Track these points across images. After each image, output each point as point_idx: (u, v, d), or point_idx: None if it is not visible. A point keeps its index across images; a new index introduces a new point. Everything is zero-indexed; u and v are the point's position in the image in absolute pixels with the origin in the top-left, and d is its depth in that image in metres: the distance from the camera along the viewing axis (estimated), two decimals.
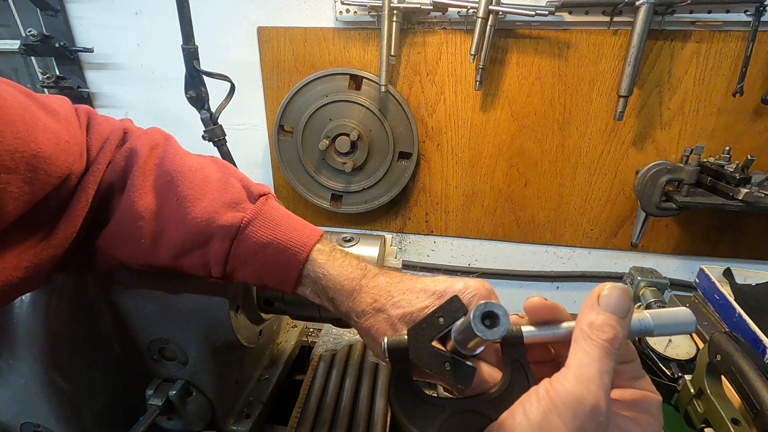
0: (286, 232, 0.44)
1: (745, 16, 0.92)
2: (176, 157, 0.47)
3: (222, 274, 0.45)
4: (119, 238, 0.46)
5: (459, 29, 1.06)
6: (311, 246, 0.44)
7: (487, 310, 0.27)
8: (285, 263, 0.44)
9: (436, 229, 1.31)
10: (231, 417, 0.64)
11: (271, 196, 0.49)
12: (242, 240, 0.44)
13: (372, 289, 0.42)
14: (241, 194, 0.46)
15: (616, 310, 0.27)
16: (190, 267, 0.46)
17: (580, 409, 0.25)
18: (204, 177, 0.46)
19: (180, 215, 0.44)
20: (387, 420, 0.62)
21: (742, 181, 0.93)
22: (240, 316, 0.56)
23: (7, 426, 0.55)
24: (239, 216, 0.44)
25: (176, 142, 0.51)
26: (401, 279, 0.42)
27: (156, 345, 0.57)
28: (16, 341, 0.49)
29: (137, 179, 0.45)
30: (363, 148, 1.16)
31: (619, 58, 1.03)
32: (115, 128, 0.48)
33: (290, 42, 1.14)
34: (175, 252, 0.45)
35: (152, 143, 0.48)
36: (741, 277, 0.99)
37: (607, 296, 0.27)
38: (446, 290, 0.39)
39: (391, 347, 0.32)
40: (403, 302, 0.40)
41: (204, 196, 0.45)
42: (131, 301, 0.55)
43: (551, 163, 1.16)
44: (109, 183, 0.45)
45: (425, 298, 0.39)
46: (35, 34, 1.14)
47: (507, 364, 0.31)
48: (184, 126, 1.29)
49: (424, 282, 0.41)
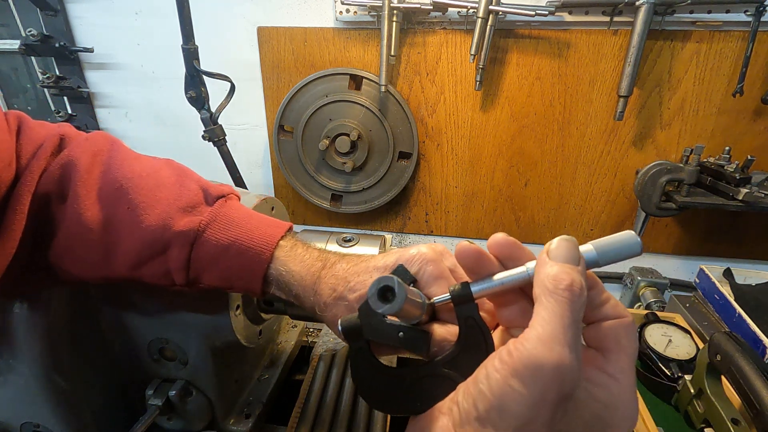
0: (248, 232, 0.43)
1: (745, 16, 0.92)
2: (124, 163, 0.45)
3: (185, 281, 0.43)
4: (70, 253, 0.44)
5: (459, 29, 1.06)
6: (274, 244, 0.43)
7: (382, 285, 0.27)
8: (249, 264, 0.42)
9: (436, 229, 1.31)
10: (231, 417, 0.64)
11: (231, 196, 0.47)
12: (201, 244, 0.42)
13: (330, 279, 0.41)
14: (197, 197, 0.44)
15: (567, 259, 0.26)
16: (151, 277, 0.44)
17: (540, 371, 0.23)
18: (156, 182, 0.44)
19: (133, 224, 0.42)
20: (387, 420, 0.62)
21: (742, 181, 0.93)
22: (240, 316, 0.56)
23: (7, 426, 0.55)
24: (196, 220, 0.43)
25: (124, 147, 0.48)
26: (356, 262, 0.41)
27: (156, 345, 0.57)
28: (16, 341, 0.49)
29: (80, 189, 0.42)
30: (363, 148, 1.16)
31: (619, 58, 1.03)
32: (51, 134, 0.45)
33: (290, 42, 1.14)
34: (132, 263, 0.43)
35: (94, 150, 0.45)
36: (741, 277, 0.99)
37: (555, 248, 0.27)
38: (396, 262, 0.38)
39: (344, 328, 0.32)
40: (358, 285, 0.39)
41: (157, 202, 0.43)
42: (131, 301, 0.55)
43: (551, 163, 1.16)
44: (44, 193, 0.42)
45: (379, 274, 0.38)
46: (35, 34, 1.14)
47: (461, 323, 0.30)
48: (184, 126, 1.29)
49: (376, 259, 0.40)
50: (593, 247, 0.28)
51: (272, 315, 0.67)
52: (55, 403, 0.52)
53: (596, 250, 0.28)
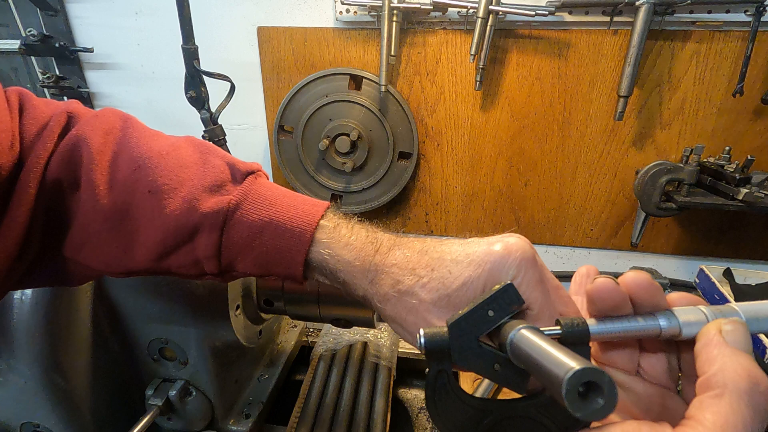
0: (284, 211, 0.38)
1: (745, 16, 0.92)
2: (141, 141, 0.40)
3: (218, 269, 0.38)
4: (87, 246, 0.39)
5: (459, 29, 1.06)
6: (315, 223, 0.37)
7: (586, 380, 0.20)
8: (287, 246, 0.37)
9: (436, 229, 1.31)
10: (231, 417, 0.64)
11: (261, 173, 0.42)
12: (232, 227, 0.37)
13: (390, 269, 0.35)
14: (224, 174, 0.39)
15: (749, 348, 0.21)
16: (179, 267, 0.39)
17: None
18: (178, 161, 0.39)
19: (155, 210, 0.37)
20: (387, 420, 0.62)
21: (742, 181, 0.93)
22: (240, 316, 0.56)
23: (7, 426, 0.55)
24: (225, 200, 0.37)
25: (138, 123, 0.43)
26: (422, 250, 0.35)
27: (156, 345, 0.57)
28: (16, 341, 0.49)
29: (95, 173, 0.37)
30: (363, 148, 1.16)
31: (619, 58, 1.03)
32: (57, 112, 0.39)
33: (290, 42, 1.14)
34: (157, 253, 0.38)
35: (106, 128, 0.40)
36: (741, 277, 0.99)
37: (733, 332, 0.22)
38: (488, 254, 0.31)
39: (429, 345, 0.27)
40: (434, 283, 0.32)
41: (181, 183, 0.38)
42: (131, 301, 0.55)
43: (551, 163, 1.16)
44: (54, 180, 0.38)
45: (462, 270, 0.32)
46: (35, 34, 1.14)
47: None
48: (184, 126, 1.29)
49: (452, 249, 0.33)
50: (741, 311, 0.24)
51: (272, 315, 0.67)
52: (55, 403, 0.52)
53: (745, 315, 0.24)
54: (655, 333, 0.25)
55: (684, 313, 0.26)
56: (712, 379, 0.21)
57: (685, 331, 0.25)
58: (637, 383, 0.28)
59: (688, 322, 0.25)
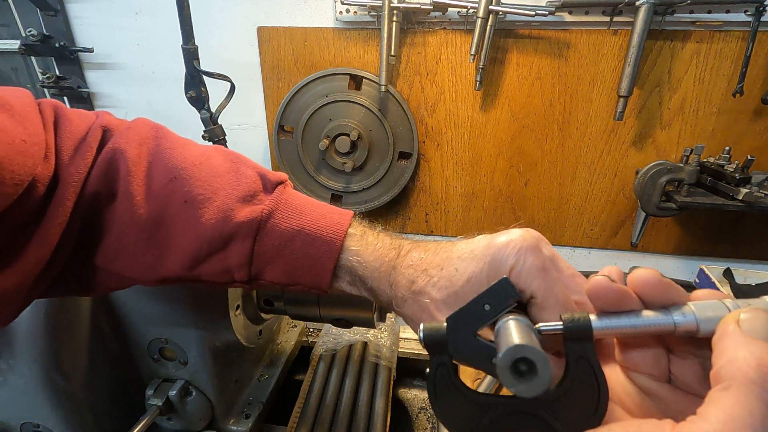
0: (313, 220, 0.39)
1: (745, 16, 0.92)
2: (174, 152, 0.41)
3: (248, 277, 0.40)
4: (123, 255, 0.40)
5: (459, 29, 1.06)
6: (344, 232, 0.38)
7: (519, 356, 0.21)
8: (317, 255, 0.38)
9: (436, 229, 1.31)
10: (231, 417, 0.64)
11: (288, 183, 0.43)
12: (265, 235, 0.39)
13: (406, 270, 0.36)
14: (256, 184, 0.40)
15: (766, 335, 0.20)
16: (210, 275, 0.40)
17: None
18: (211, 171, 0.40)
19: (190, 219, 0.38)
20: (387, 420, 0.62)
21: (742, 181, 0.93)
22: (240, 316, 0.56)
23: (7, 426, 0.55)
24: (258, 209, 0.39)
25: (170, 133, 0.44)
26: (435, 251, 0.36)
27: (156, 345, 0.57)
28: (16, 341, 0.49)
29: (132, 185, 0.39)
30: (363, 148, 1.16)
31: (619, 58, 1.03)
32: (93, 126, 0.40)
33: (290, 42, 1.14)
34: (190, 262, 0.39)
35: (139, 138, 0.41)
36: (741, 277, 0.99)
37: (751, 320, 0.21)
38: (488, 248, 0.32)
39: (427, 338, 0.27)
40: (443, 282, 0.34)
41: (215, 193, 0.39)
42: (131, 301, 0.55)
43: (551, 163, 1.16)
44: (93, 193, 0.39)
45: (467, 266, 0.33)
46: (35, 34, 1.14)
47: (570, 362, 0.25)
48: (184, 126, 1.28)
49: (458, 247, 0.34)
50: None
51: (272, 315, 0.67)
52: (55, 403, 0.52)
53: None
54: (668, 329, 0.24)
55: (703, 308, 0.24)
56: (721, 371, 0.20)
57: (704, 327, 0.23)
58: (665, 390, 0.26)
59: (707, 318, 0.23)
